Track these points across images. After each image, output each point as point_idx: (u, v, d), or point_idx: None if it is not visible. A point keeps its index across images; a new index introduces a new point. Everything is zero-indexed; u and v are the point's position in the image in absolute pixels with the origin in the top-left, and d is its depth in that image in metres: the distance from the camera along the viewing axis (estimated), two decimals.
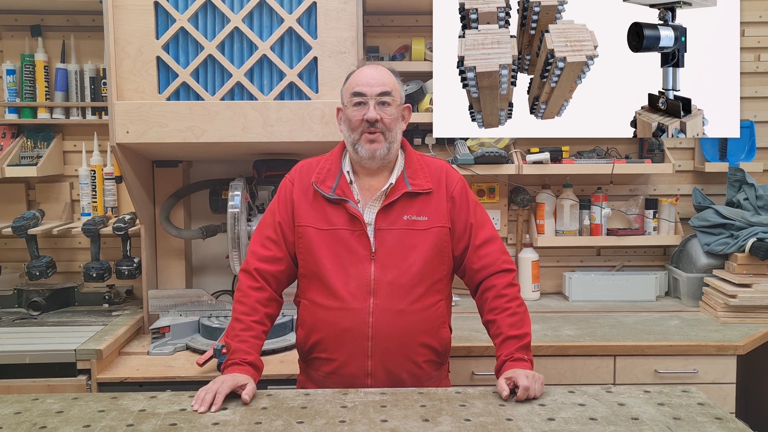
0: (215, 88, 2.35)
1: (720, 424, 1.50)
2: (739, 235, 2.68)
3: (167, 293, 2.56)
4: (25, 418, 1.54)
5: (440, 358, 1.86)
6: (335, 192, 1.83)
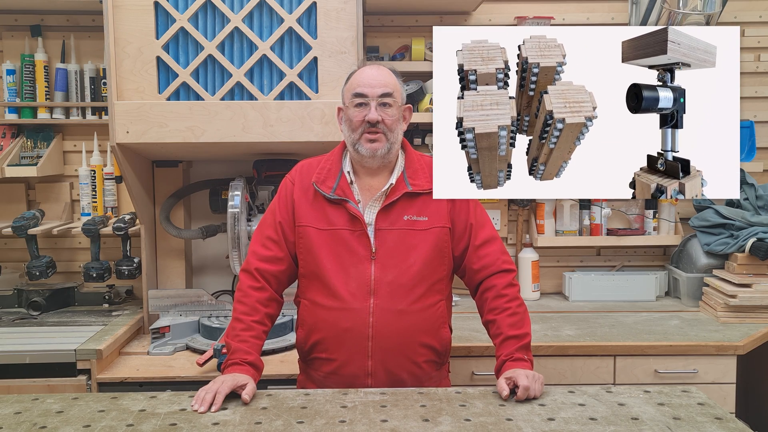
0: (215, 88, 2.35)
1: (720, 424, 1.50)
2: (739, 235, 2.68)
3: (167, 293, 2.56)
4: (25, 418, 1.54)
5: (440, 358, 1.86)
6: (336, 192, 1.83)
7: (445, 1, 2.78)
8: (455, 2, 2.79)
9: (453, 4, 2.82)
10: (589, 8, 2.98)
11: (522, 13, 2.90)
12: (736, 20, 2.95)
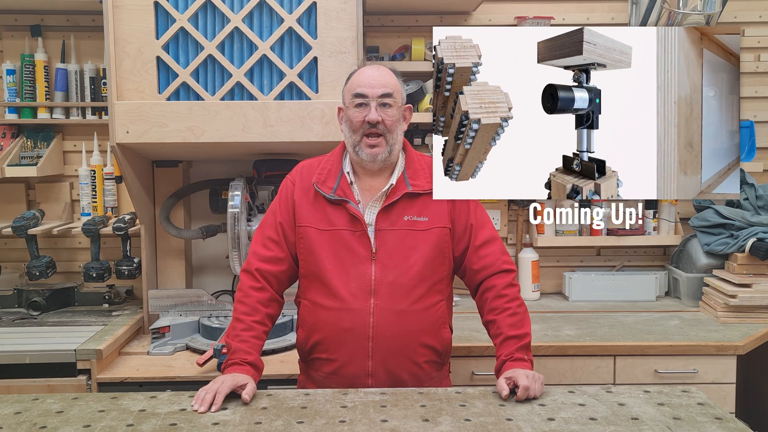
0: (215, 88, 2.35)
1: (720, 424, 1.50)
2: (739, 235, 2.68)
3: (167, 293, 2.56)
4: (25, 418, 1.54)
5: (441, 358, 1.86)
6: (336, 192, 1.83)
7: (445, 1, 2.79)
8: (455, 2, 2.79)
9: (453, 4, 2.82)
10: (589, 8, 2.98)
11: (522, 13, 2.90)
12: (736, 20, 2.96)
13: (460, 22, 2.95)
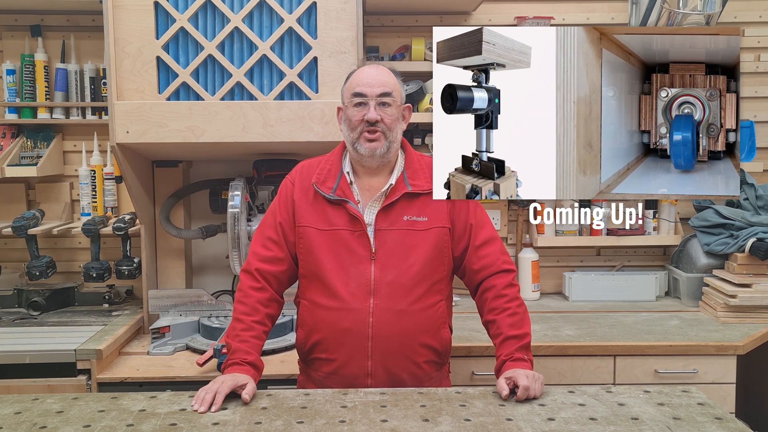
0: (215, 88, 2.35)
1: (720, 424, 1.50)
2: (739, 235, 2.68)
3: (167, 293, 2.56)
4: (25, 418, 1.54)
5: (441, 358, 1.86)
6: (336, 192, 1.83)
7: (445, 1, 2.79)
8: (455, 2, 2.79)
9: (453, 4, 2.82)
10: (589, 8, 2.98)
11: (522, 13, 2.90)
12: (736, 20, 2.96)
13: (460, 22, 2.95)
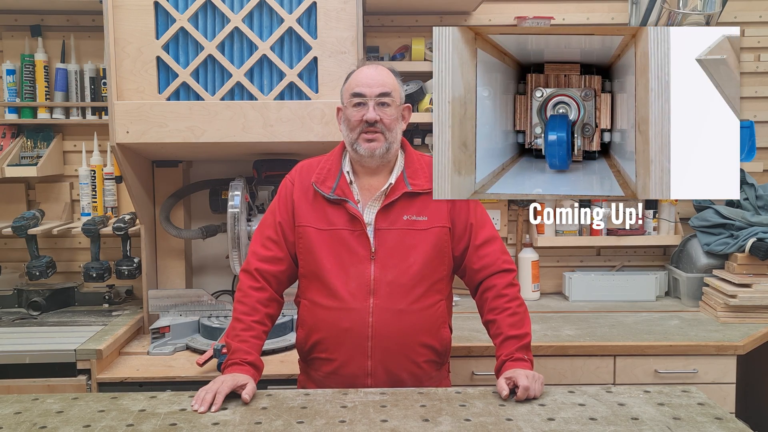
0: (215, 88, 2.35)
1: (720, 424, 1.50)
2: (739, 235, 2.68)
3: (167, 293, 2.56)
4: (25, 418, 1.54)
5: (440, 358, 1.86)
6: (335, 192, 1.83)
7: (445, 1, 2.79)
8: (455, 2, 2.79)
9: (453, 4, 2.82)
10: (589, 8, 2.98)
11: (522, 13, 2.90)
12: (736, 20, 2.95)
13: (460, 22, 2.95)
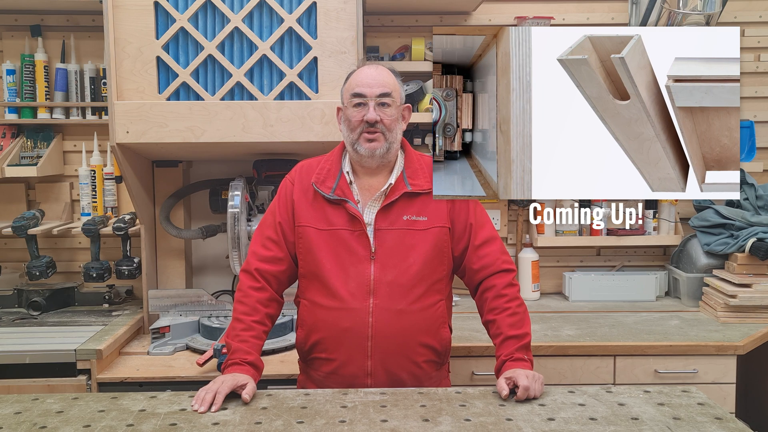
0: (215, 88, 2.35)
1: (720, 424, 1.50)
2: (739, 235, 2.68)
3: (167, 293, 2.56)
4: (25, 418, 1.54)
5: (440, 358, 1.86)
6: (335, 192, 1.83)
7: (445, 1, 2.79)
8: (455, 2, 2.79)
9: (453, 4, 2.82)
10: (589, 8, 2.98)
11: (522, 13, 2.90)
12: (736, 20, 2.96)
13: (460, 22, 2.96)
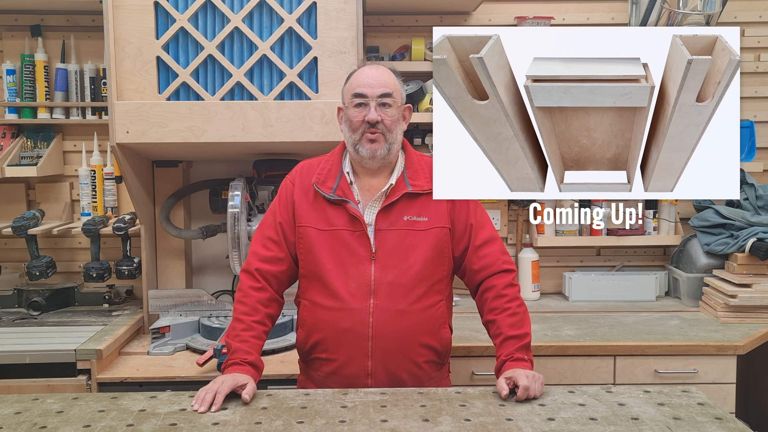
0: (215, 88, 2.35)
1: (720, 424, 1.50)
2: (739, 235, 2.68)
3: (167, 293, 2.56)
4: (25, 418, 1.54)
5: (441, 358, 1.86)
6: (336, 193, 1.83)
7: (445, 1, 2.79)
8: (455, 2, 2.79)
9: (453, 4, 2.82)
10: (589, 8, 2.98)
11: (522, 13, 2.90)
12: (736, 20, 2.96)
13: (460, 22, 2.95)
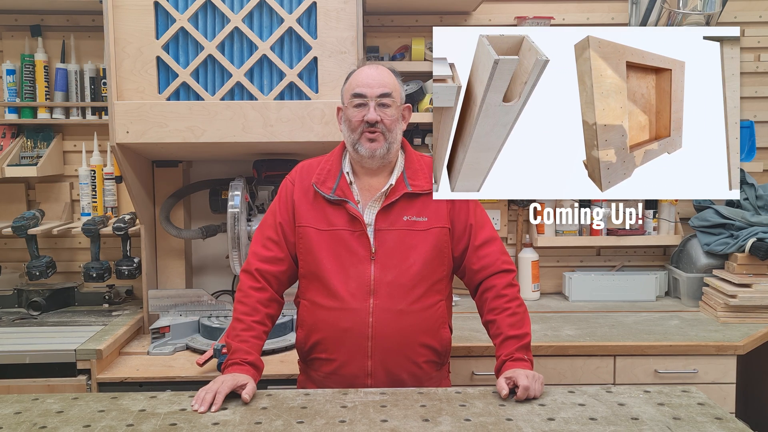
0: (215, 88, 2.35)
1: (720, 424, 1.50)
2: (739, 235, 2.68)
3: (167, 293, 2.56)
4: (25, 418, 1.54)
5: (440, 358, 1.86)
6: (335, 193, 1.83)
7: (445, 1, 2.79)
8: (455, 2, 2.80)
9: (453, 4, 2.83)
10: (589, 8, 2.98)
11: (522, 13, 2.90)
12: (736, 20, 2.96)
13: (460, 22, 2.96)
